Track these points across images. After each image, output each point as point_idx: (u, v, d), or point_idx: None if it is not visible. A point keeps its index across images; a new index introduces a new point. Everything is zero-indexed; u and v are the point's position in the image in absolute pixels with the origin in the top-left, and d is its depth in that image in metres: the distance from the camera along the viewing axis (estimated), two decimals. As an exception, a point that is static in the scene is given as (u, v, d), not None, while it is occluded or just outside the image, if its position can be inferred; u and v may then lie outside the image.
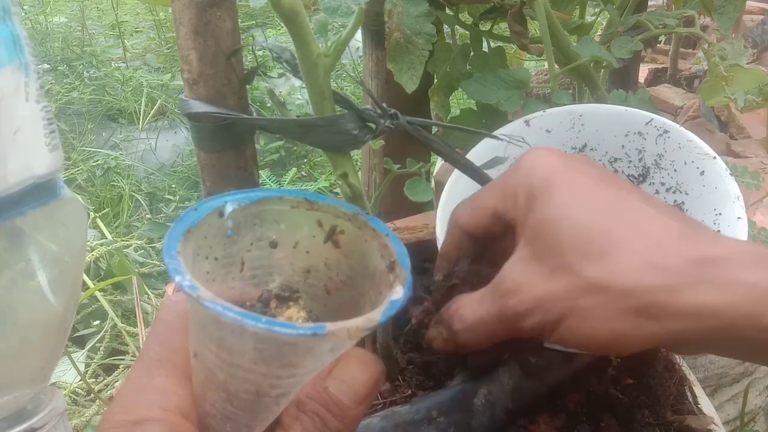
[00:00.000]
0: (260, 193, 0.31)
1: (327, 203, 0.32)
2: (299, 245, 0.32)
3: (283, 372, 0.25)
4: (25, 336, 0.35)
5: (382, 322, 0.25)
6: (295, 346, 0.25)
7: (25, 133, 0.32)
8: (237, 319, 0.23)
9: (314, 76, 0.42)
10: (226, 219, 0.30)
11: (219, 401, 0.27)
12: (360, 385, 0.28)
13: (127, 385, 0.29)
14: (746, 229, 0.51)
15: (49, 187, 0.34)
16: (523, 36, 0.67)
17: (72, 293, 0.37)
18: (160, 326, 0.30)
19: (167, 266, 0.25)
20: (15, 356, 0.35)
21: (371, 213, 0.33)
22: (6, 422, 0.34)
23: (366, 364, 0.29)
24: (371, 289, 0.30)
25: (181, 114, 0.52)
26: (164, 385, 0.28)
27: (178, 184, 1.94)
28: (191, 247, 0.28)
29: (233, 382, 0.26)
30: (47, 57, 2.57)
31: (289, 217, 0.32)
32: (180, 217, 0.28)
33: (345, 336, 0.24)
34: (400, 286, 0.28)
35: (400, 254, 0.30)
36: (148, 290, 1.34)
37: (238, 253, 0.31)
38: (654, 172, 0.60)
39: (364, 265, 0.31)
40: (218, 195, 0.30)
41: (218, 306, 0.23)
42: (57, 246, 0.35)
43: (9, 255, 0.33)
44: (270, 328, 0.23)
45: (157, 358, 0.29)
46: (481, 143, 0.59)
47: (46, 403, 0.37)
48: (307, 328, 0.23)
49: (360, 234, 0.32)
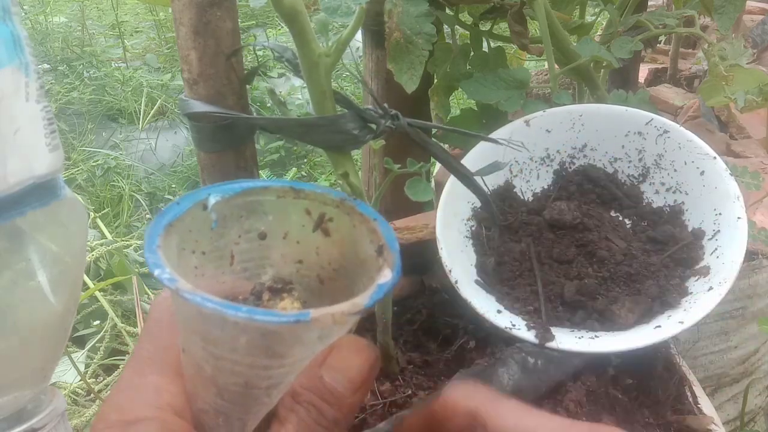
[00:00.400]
0: (244, 184, 0.31)
1: (314, 190, 0.32)
2: (289, 235, 0.32)
3: (271, 362, 0.25)
4: (26, 336, 0.35)
5: (369, 306, 0.25)
6: (280, 335, 0.24)
7: (26, 133, 0.32)
8: (217, 309, 0.23)
9: (315, 75, 0.42)
10: (210, 211, 0.29)
11: (210, 396, 0.27)
12: (355, 372, 0.28)
13: (120, 384, 0.29)
14: (746, 229, 0.51)
15: (49, 187, 0.34)
16: (523, 36, 0.67)
17: (72, 293, 0.37)
18: (152, 324, 0.30)
19: (147, 260, 0.24)
20: (15, 356, 0.35)
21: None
22: (6, 422, 0.34)
23: (360, 350, 0.28)
24: (363, 275, 0.30)
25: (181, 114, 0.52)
26: (157, 383, 0.28)
27: (178, 184, 1.94)
28: (175, 241, 0.27)
29: (221, 375, 0.26)
30: (47, 57, 2.57)
31: (276, 207, 0.31)
32: (162, 211, 0.28)
33: (330, 321, 0.23)
34: (389, 269, 0.28)
35: (389, 238, 0.29)
36: (148, 290, 1.34)
37: (227, 246, 0.31)
38: (654, 172, 0.60)
39: (355, 251, 0.31)
40: (202, 188, 0.30)
41: (197, 297, 0.23)
42: (57, 246, 0.35)
43: (9, 255, 0.33)
44: (251, 317, 0.22)
45: (149, 357, 0.29)
46: (480, 144, 0.59)
47: (46, 403, 0.37)
48: (290, 315, 0.23)
49: (348, 220, 0.31)
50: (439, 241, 0.54)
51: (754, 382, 0.95)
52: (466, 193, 0.50)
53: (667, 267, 0.54)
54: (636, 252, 0.54)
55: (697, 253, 0.54)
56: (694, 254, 0.54)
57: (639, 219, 0.59)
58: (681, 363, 0.57)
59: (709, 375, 0.91)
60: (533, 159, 0.62)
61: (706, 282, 0.51)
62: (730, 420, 0.95)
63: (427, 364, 0.55)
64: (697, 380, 0.56)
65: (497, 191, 0.60)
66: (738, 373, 0.93)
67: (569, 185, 0.61)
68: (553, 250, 0.55)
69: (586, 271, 0.53)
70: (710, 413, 0.52)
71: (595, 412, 0.50)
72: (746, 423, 0.95)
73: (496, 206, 0.58)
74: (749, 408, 0.94)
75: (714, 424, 0.51)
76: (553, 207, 0.57)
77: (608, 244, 0.55)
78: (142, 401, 0.27)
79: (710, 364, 0.90)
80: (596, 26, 1.03)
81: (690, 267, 0.54)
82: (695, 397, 0.54)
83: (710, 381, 0.91)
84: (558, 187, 0.61)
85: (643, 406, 0.51)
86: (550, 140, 0.61)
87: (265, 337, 0.24)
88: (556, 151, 0.62)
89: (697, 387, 0.55)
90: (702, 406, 0.54)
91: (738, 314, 0.84)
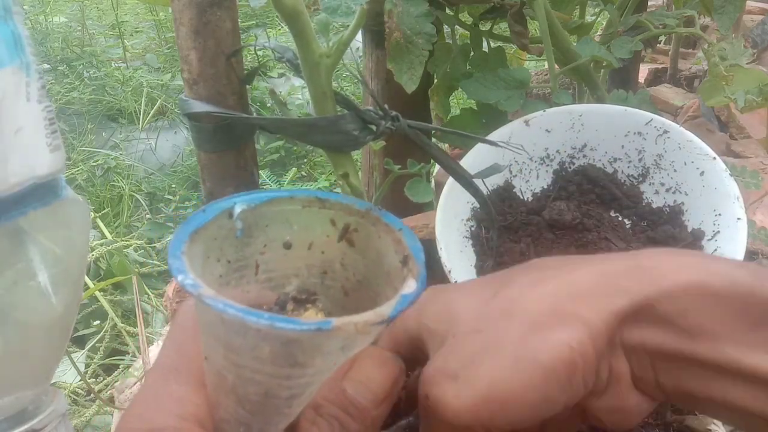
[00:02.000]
0: (270, 194, 0.31)
1: (339, 201, 0.31)
2: (314, 246, 0.32)
3: (293, 372, 0.25)
4: (26, 336, 0.35)
5: (393, 317, 0.24)
6: (301, 344, 0.24)
7: (27, 133, 0.32)
8: (238, 316, 0.22)
9: (316, 76, 0.42)
10: (236, 220, 0.29)
11: (231, 405, 0.26)
12: (378, 385, 0.27)
13: (143, 392, 0.28)
14: (746, 230, 0.51)
15: (50, 187, 0.34)
16: (523, 36, 0.67)
17: (73, 294, 0.37)
18: (177, 332, 0.29)
19: (171, 266, 0.24)
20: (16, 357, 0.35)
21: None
22: (7, 423, 0.34)
23: (384, 363, 0.28)
24: (387, 287, 0.30)
25: (181, 114, 0.52)
26: (180, 393, 0.27)
27: (178, 184, 1.94)
28: (200, 248, 0.27)
29: (242, 384, 0.25)
30: (47, 57, 2.57)
31: (302, 217, 0.31)
32: (187, 218, 0.28)
33: (352, 331, 0.23)
34: (413, 280, 0.27)
35: (414, 248, 0.29)
36: (148, 290, 1.34)
37: (252, 255, 0.30)
38: (654, 172, 0.60)
39: (379, 262, 0.31)
40: (228, 197, 0.30)
41: (219, 303, 0.23)
42: (58, 246, 0.35)
43: (10, 255, 0.33)
44: (272, 324, 0.22)
45: (173, 365, 0.28)
46: (479, 145, 0.59)
47: (47, 404, 0.36)
48: (311, 323, 0.23)
49: (374, 231, 0.31)
50: (438, 242, 0.54)
51: (754, 382, 0.95)
52: (466, 193, 0.51)
53: (666, 267, 0.54)
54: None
55: (697, 253, 0.54)
56: (693, 254, 0.54)
57: (638, 219, 0.59)
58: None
59: (709, 375, 0.91)
60: (533, 159, 0.62)
61: (705, 282, 0.51)
62: (730, 420, 0.95)
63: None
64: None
65: (497, 191, 0.60)
66: (738, 373, 0.92)
67: (569, 185, 0.61)
68: (552, 250, 0.55)
69: (586, 271, 0.53)
70: (710, 413, 0.52)
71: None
72: (746, 423, 0.95)
73: (496, 206, 0.58)
74: (749, 408, 0.94)
75: (714, 424, 0.51)
76: (552, 207, 0.57)
77: (608, 245, 0.55)
78: (165, 411, 0.27)
79: (710, 364, 0.90)
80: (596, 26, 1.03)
81: (690, 267, 0.54)
82: (695, 397, 0.54)
83: (710, 381, 0.91)
84: (558, 187, 0.61)
85: (642, 405, 0.51)
86: (549, 140, 0.61)
87: (286, 346, 0.24)
88: (556, 151, 0.62)
89: (697, 387, 0.55)
90: (702, 405, 0.54)
91: (738, 314, 0.84)
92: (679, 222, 0.57)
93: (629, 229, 0.58)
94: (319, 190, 0.32)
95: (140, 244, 1.51)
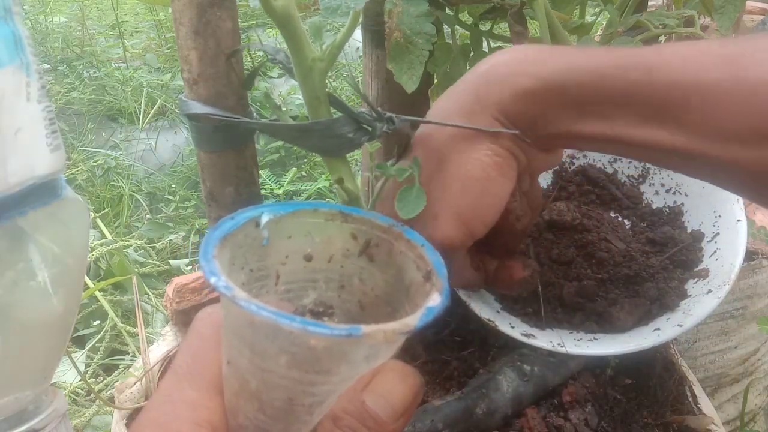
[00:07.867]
0: (295, 205, 0.31)
1: (362, 215, 0.31)
2: (333, 259, 0.32)
3: (317, 378, 0.25)
4: (26, 336, 0.35)
5: (419, 328, 0.25)
6: (329, 350, 0.24)
7: (27, 133, 0.32)
8: (271, 318, 0.23)
9: (309, 80, 0.42)
10: (262, 229, 0.30)
11: (252, 411, 0.26)
12: (398, 398, 0.27)
13: (157, 397, 0.28)
14: (745, 232, 0.51)
15: (50, 187, 0.34)
16: (523, 36, 0.67)
17: (73, 293, 0.37)
18: (194, 338, 0.29)
19: (204, 269, 0.24)
20: (16, 357, 0.35)
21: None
22: (7, 423, 0.34)
23: (405, 377, 0.28)
24: (407, 303, 0.30)
25: (181, 114, 0.52)
26: (195, 398, 0.27)
27: (178, 184, 1.94)
28: (227, 254, 0.27)
29: (266, 388, 0.26)
30: (47, 57, 2.57)
31: (324, 230, 0.31)
32: (216, 224, 0.28)
33: (381, 339, 0.23)
34: (437, 294, 0.27)
35: (437, 264, 0.29)
36: (148, 290, 1.34)
37: (273, 265, 0.31)
38: (654, 172, 0.60)
39: (400, 278, 0.31)
40: (255, 206, 0.30)
41: (252, 305, 0.23)
42: (58, 246, 0.35)
43: (10, 255, 0.33)
44: (305, 328, 0.22)
45: (188, 371, 0.28)
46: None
47: (47, 404, 0.37)
48: (342, 328, 0.23)
49: (395, 246, 0.31)
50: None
51: (754, 382, 0.95)
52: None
53: (666, 269, 0.54)
54: (635, 253, 0.54)
55: (697, 255, 0.54)
56: (693, 256, 0.54)
57: (638, 220, 0.59)
58: (681, 363, 0.57)
59: (709, 375, 0.91)
60: (533, 159, 0.62)
61: (705, 284, 0.51)
62: (730, 420, 0.95)
63: (438, 371, 0.55)
64: (696, 380, 0.56)
65: (497, 191, 0.60)
66: (738, 373, 0.93)
67: (569, 185, 0.61)
68: (552, 250, 0.55)
69: (585, 273, 0.53)
70: (710, 413, 0.53)
71: (595, 413, 0.50)
72: (746, 423, 0.95)
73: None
74: (749, 408, 0.95)
75: (714, 424, 0.51)
76: (552, 207, 0.57)
77: (607, 245, 0.55)
78: (179, 417, 0.27)
79: (710, 364, 0.90)
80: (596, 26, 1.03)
81: (689, 269, 0.54)
82: (695, 397, 0.54)
83: (710, 381, 0.91)
84: (557, 188, 0.61)
85: (642, 406, 0.51)
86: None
87: (314, 351, 0.24)
88: (556, 151, 0.62)
89: (697, 387, 0.56)
90: (702, 406, 0.54)
91: (738, 314, 0.85)
92: (678, 223, 0.57)
93: (629, 230, 0.58)
94: (342, 204, 0.32)
95: (140, 244, 1.51)
